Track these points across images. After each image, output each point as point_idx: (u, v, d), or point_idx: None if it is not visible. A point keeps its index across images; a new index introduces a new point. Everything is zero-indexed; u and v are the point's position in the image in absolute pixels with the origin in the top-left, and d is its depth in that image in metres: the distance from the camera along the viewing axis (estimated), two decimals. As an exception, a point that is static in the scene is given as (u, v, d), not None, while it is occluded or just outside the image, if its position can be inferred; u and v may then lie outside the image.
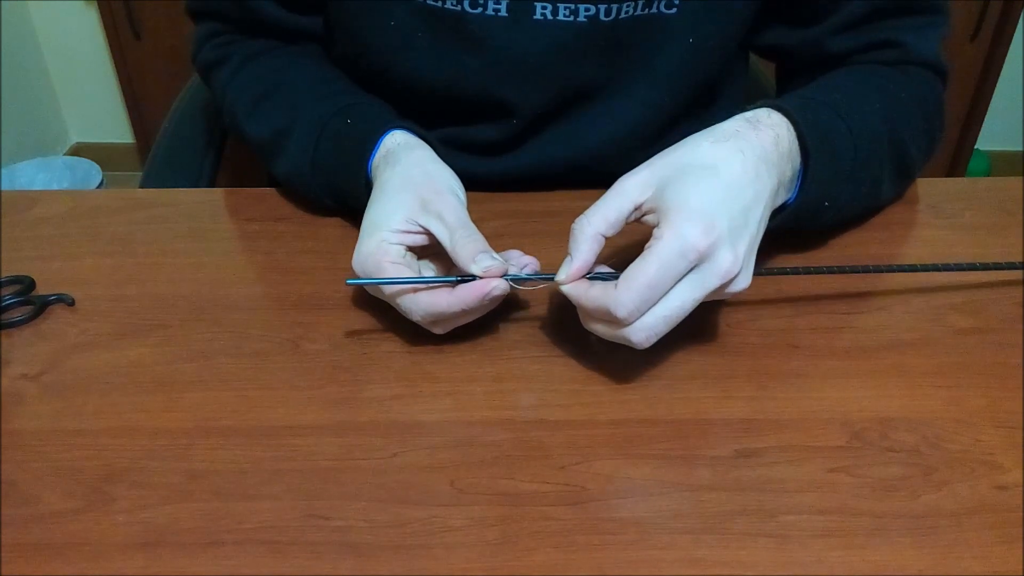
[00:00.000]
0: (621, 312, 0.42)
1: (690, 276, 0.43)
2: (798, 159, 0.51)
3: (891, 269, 0.50)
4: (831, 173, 0.53)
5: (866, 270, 0.50)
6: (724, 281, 0.43)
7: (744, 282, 0.45)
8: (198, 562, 0.37)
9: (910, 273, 0.57)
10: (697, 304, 0.43)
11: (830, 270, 0.49)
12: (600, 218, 0.45)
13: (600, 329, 0.45)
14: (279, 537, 0.38)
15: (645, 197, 0.45)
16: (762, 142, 0.47)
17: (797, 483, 0.41)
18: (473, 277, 0.46)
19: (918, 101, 0.62)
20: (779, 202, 0.51)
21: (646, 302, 0.42)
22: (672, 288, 0.43)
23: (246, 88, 0.66)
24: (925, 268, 0.50)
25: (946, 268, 0.51)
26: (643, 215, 0.45)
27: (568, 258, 0.46)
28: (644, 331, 0.43)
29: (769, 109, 0.51)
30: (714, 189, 0.44)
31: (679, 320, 0.44)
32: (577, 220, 0.46)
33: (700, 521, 0.39)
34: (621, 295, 0.42)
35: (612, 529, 0.38)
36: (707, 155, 0.46)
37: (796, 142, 0.50)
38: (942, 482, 0.41)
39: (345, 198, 0.60)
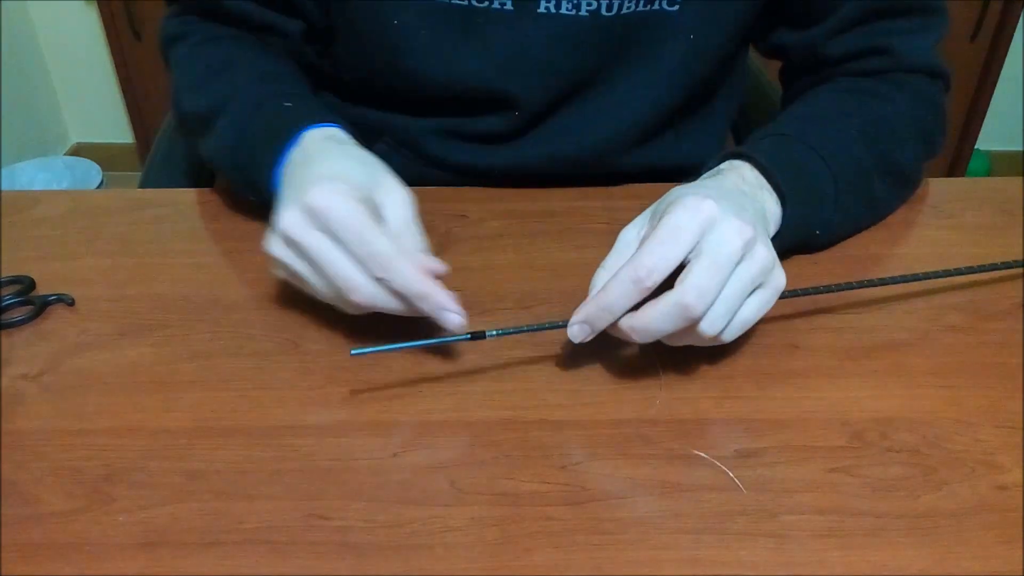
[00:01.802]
0: (641, 271, 0.42)
1: (708, 239, 0.42)
2: (774, 192, 0.53)
3: (893, 280, 0.51)
4: (811, 206, 0.55)
5: (861, 285, 0.50)
6: (745, 240, 0.42)
7: (782, 277, 0.45)
8: (198, 562, 0.37)
9: (910, 272, 0.57)
10: (738, 261, 0.42)
11: (838, 288, 0.49)
12: (613, 264, 0.46)
13: (647, 320, 0.42)
14: (279, 537, 0.38)
15: (645, 229, 0.47)
16: (729, 181, 0.51)
17: (797, 483, 0.41)
18: (481, 334, 0.45)
19: (907, 112, 0.62)
20: (772, 229, 0.52)
21: (662, 258, 0.42)
22: (697, 251, 0.42)
23: (197, 63, 0.65)
24: (927, 276, 0.51)
25: (947, 274, 0.51)
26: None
27: (583, 303, 0.45)
28: (694, 289, 0.41)
29: (730, 160, 0.54)
30: (704, 187, 0.47)
31: (727, 279, 0.42)
32: (593, 275, 0.47)
33: (700, 521, 0.39)
34: (636, 257, 0.43)
35: (612, 529, 0.38)
36: (685, 185, 0.49)
37: (762, 177, 0.53)
38: (942, 482, 0.41)
39: (254, 177, 0.56)
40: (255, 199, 0.59)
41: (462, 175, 0.68)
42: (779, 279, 0.45)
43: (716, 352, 0.49)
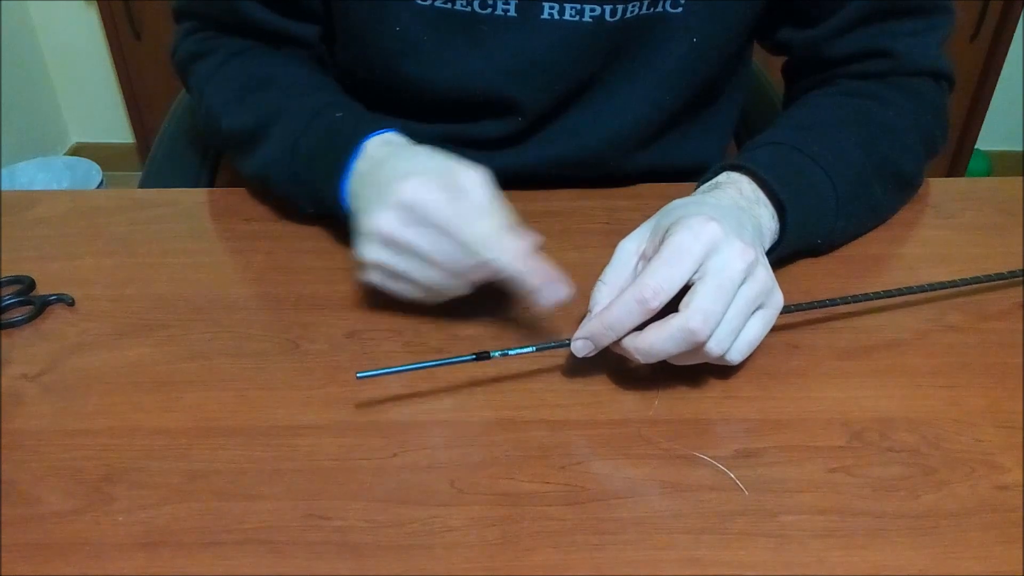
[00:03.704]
0: (647, 292, 0.42)
1: (712, 261, 0.43)
2: (770, 206, 0.53)
3: (900, 292, 0.51)
4: (813, 217, 0.55)
5: (867, 298, 0.51)
6: (747, 262, 0.43)
7: (780, 296, 0.46)
8: (198, 562, 0.37)
9: (910, 272, 0.57)
10: (741, 283, 0.43)
11: (844, 300, 0.50)
12: (612, 278, 0.47)
13: (652, 342, 0.43)
14: (279, 537, 0.38)
15: (644, 244, 0.47)
16: (727, 196, 0.51)
17: (797, 483, 0.41)
18: (487, 354, 0.45)
19: (908, 116, 0.62)
20: (768, 244, 0.53)
21: (667, 280, 0.42)
22: (701, 273, 0.43)
23: (232, 79, 0.64)
24: (933, 287, 0.51)
25: (952, 284, 0.52)
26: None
27: (585, 319, 0.45)
28: (700, 313, 0.42)
29: (728, 172, 0.54)
30: (705, 206, 0.47)
31: (731, 301, 0.43)
32: (593, 290, 0.47)
33: (700, 521, 0.39)
34: (641, 278, 0.43)
35: (612, 529, 0.38)
36: (684, 201, 0.50)
37: (760, 190, 0.53)
38: (942, 482, 0.41)
39: (318, 191, 0.57)
40: (314, 211, 0.59)
41: None
42: (778, 299, 0.46)
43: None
